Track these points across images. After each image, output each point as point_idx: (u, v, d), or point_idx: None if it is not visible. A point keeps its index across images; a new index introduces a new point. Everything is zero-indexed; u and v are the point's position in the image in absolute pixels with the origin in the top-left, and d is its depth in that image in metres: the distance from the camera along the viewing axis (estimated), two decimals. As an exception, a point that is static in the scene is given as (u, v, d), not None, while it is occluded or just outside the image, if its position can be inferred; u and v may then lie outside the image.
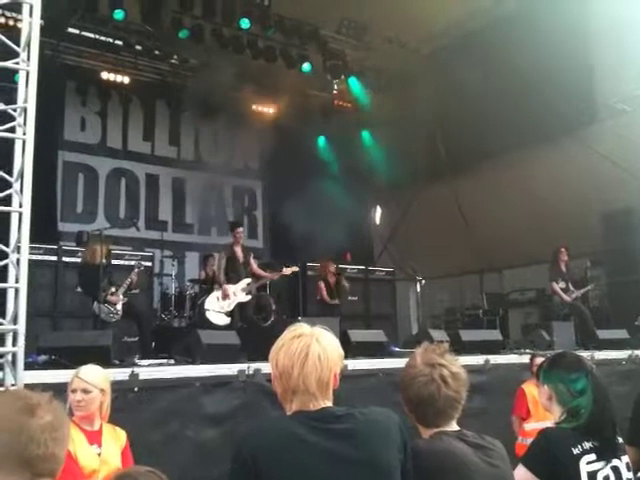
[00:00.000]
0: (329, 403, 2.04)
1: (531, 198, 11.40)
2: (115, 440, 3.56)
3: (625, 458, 2.55)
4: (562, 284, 9.95)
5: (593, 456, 2.44)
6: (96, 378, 3.55)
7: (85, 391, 3.48)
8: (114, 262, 9.10)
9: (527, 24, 10.73)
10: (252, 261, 9.54)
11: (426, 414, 2.25)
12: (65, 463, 3.20)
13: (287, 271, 9.61)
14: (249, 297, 9.28)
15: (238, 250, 9.36)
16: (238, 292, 9.19)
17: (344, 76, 13.08)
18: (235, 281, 9.23)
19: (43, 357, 5.25)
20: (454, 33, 11.33)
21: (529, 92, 10.76)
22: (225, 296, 9.11)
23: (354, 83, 13.29)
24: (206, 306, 9.51)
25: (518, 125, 11.05)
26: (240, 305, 9.19)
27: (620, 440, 2.59)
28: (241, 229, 9.59)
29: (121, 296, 8.17)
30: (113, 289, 8.20)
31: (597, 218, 10.91)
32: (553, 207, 10.93)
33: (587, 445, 2.45)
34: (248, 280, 9.30)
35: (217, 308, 9.42)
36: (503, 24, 11.08)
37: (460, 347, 7.33)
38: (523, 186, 11.60)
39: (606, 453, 2.47)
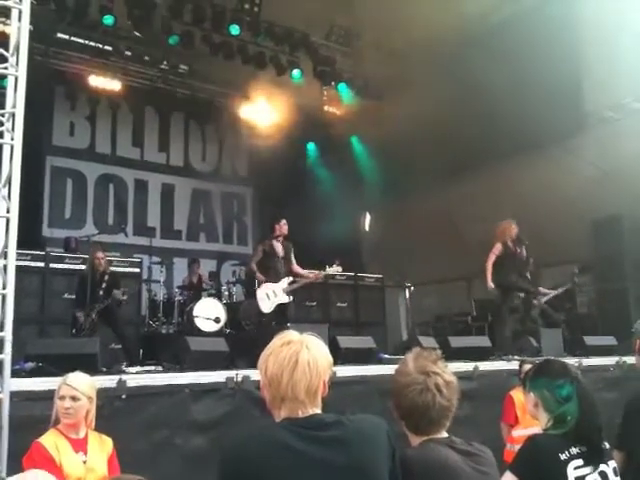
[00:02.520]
0: (318, 410, 2.03)
1: (520, 205, 11.41)
2: (101, 448, 3.55)
3: (612, 463, 2.56)
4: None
5: (580, 461, 2.44)
6: (84, 385, 3.54)
7: (74, 398, 3.47)
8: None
9: (517, 33, 10.80)
10: (293, 258, 8.62)
11: (419, 422, 2.24)
12: (50, 471, 3.21)
13: (331, 270, 8.74)
14: (290, 298, 8.40)
15: (278, 245, 8.49)
16: (279, 292, 8.30)
17: (334, 82, 13.12)
18: (274, 279, 8.36)
19: (30, 364, 5.20)
20: (443, 42, 11.37)
21: (518, 100, 10.81)
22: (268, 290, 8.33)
23: (344, 89, 13.32)
24: (195, 313, 9.48)
25: (507, 133, 11.09)
26: (280, 306, 8.34)
27: (607, 446, 2.60)
28: (284, 220, 8.58)
29: (93, 315, 8.08)
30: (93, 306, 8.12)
31: (585, 225, 10.96)
32: (541, 214, 10.96)
33: (574, 451, 2.45)
34: (289, 279, 8.42)
35: (207, 315, 9.39)
36: (493, 33, 11.15)
37: (449, 353, 7.33)
38: (512, 193, 11.64)
39: (593, 458, 2.48)
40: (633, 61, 9.72)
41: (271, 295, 8.31)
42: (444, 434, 2.26)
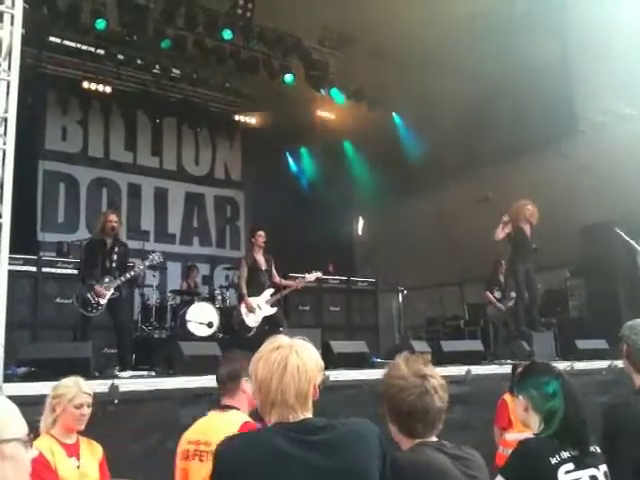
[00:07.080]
0: (309, 415, 2.04)
1: (511, 209, 11.49)
2: (92, 453, 3.57)
3: (603, 467, 2.57)
4: (498, 294, 10.41)
5: (571, 465, 2.45)
6: (90, 391, 3.60)
7: (89, 405, 3.54)
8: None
9: (507, 37, 10.83)
10: (274, 270, 8.83)
11: (415, 426, 2.25)
12: (46, 476, 3.22)
13: (310, 277, 9.07)
14: (275, 309, 8.66)
15: (260, 258, 8.69)
16: (262, 305, 8.57)
17: (327, 87, 13.11)
18: (258, 292, 8.61)
19: (23, 369, 5.19)
20: (436, 46, 11.41)
21: (509, 104, 10.86)
22: (250, 310, 8.47)
23: (337, 94, 13.31)
24: (187, 317, 9.46)
25: (498, 137, 11.13)
26: (267, 318, 8.57)
27: (598, 450, 2.62)
28: (262, 232, 8.77)
29: (112, 290, 7.27)
30: (107, 279, 7.31)
31: (576, 229, 11.00)
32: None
33: (565, 454, 2.47)
34: (271, 291, 8.68)
35: (200, 320, 9.37)
36: (482, 37, 11.17)
37: (441, 358, 7.36)
38: (504, 198, 11.68)
39: (584, 462, 2.49)
40: (624, 66, 9.76)
41: (256, 309, 8.54)
42: (434, 438, 2.28)
